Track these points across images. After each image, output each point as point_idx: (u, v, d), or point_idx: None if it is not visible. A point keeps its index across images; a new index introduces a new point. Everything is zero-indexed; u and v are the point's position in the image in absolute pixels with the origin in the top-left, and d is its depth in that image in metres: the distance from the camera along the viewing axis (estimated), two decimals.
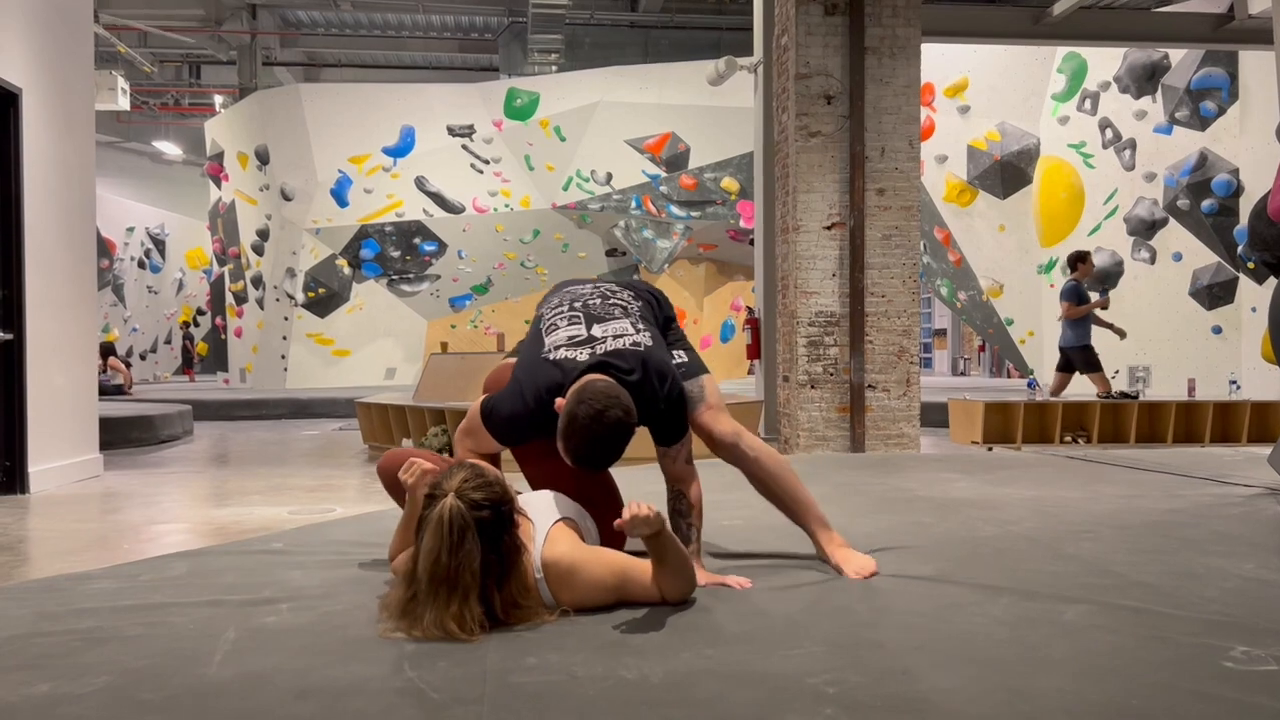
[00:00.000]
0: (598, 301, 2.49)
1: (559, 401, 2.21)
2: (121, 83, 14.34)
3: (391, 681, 1.65)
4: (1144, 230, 11.97)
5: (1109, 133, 12.12)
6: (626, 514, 2.02)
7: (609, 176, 15.96)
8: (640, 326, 2.41)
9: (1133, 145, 11.94)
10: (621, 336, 2.36)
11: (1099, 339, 9.34)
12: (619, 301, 2.50)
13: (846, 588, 2.34)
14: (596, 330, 2.38)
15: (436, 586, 1.91)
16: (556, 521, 2.16)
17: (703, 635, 1.93)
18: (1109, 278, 12.24)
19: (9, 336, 5.65)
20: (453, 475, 2.03)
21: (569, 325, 2.42)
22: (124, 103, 14.51)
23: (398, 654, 1.81)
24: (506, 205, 16.20)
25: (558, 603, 2.10)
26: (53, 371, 6.11)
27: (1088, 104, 12.25)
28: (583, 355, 2.31)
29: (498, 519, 1.99)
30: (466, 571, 1.92)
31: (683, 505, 2.45)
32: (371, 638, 1.93)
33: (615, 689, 1.63)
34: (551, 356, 2.34)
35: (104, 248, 19.29)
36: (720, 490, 4.16)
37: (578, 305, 2.49)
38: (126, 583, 2.42)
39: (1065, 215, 12.53)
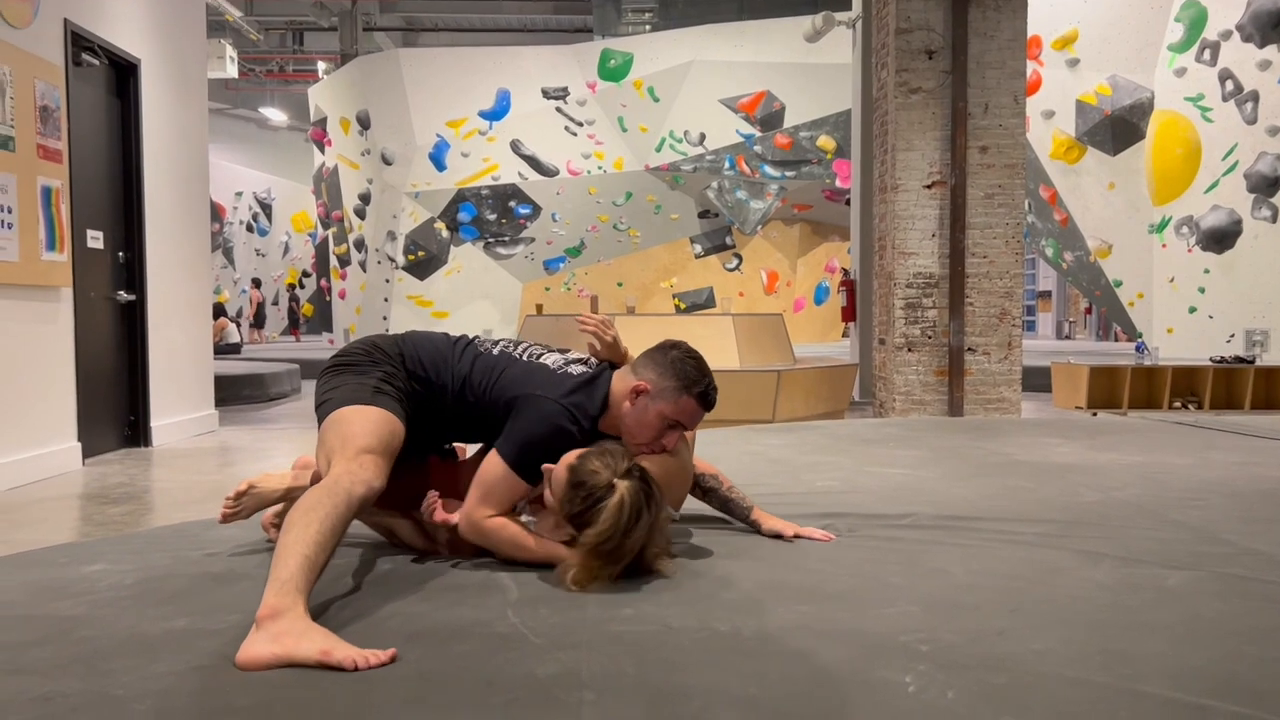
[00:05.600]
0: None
1: (639, 384, 2.22)
2: (230, 51, 14.78)
3: (496, 626, 1.73)
4: (1265, 187, 11.39)
5: (1229, 84, 11.53)
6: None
7: (702, 137, 15.86)
8: None
9: (1255, 97, 11.34)
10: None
11: (1214, 300, 8.95)
12: None
13: (944, 550, 2.34)
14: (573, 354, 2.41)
15: (602, 561, 1.97)
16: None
17: (797, 593, 1.96)
18: (1226, 237, 11.71)
19: (132, 297, 5.95)
20: (597, 467, 2.02)
21: (551, 351, 2.39)
22: (232, 70, 14.96)
23: (502, 600, 1.89)
24: (600, 167, 16.25)
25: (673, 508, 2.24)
26: (172, 331, 6.41)
27: (1207, 54, 11.66)
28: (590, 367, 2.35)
29: (656, 492, 2.05)
30: (630, 554, 1.99)
31: (712, 483, 2.52)
32: (478, 584, 2.02)
33: (709, 640, 1.67)
34: (574, 371, 2.30)
35: (214, 212, 20.03)
36: (813, 453, 4.17)
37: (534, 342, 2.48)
38: (249, 530, 2.57)
39: (1180, 172, 12.00)
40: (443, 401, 2.29)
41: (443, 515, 2.18)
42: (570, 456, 2.09)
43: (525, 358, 2.33)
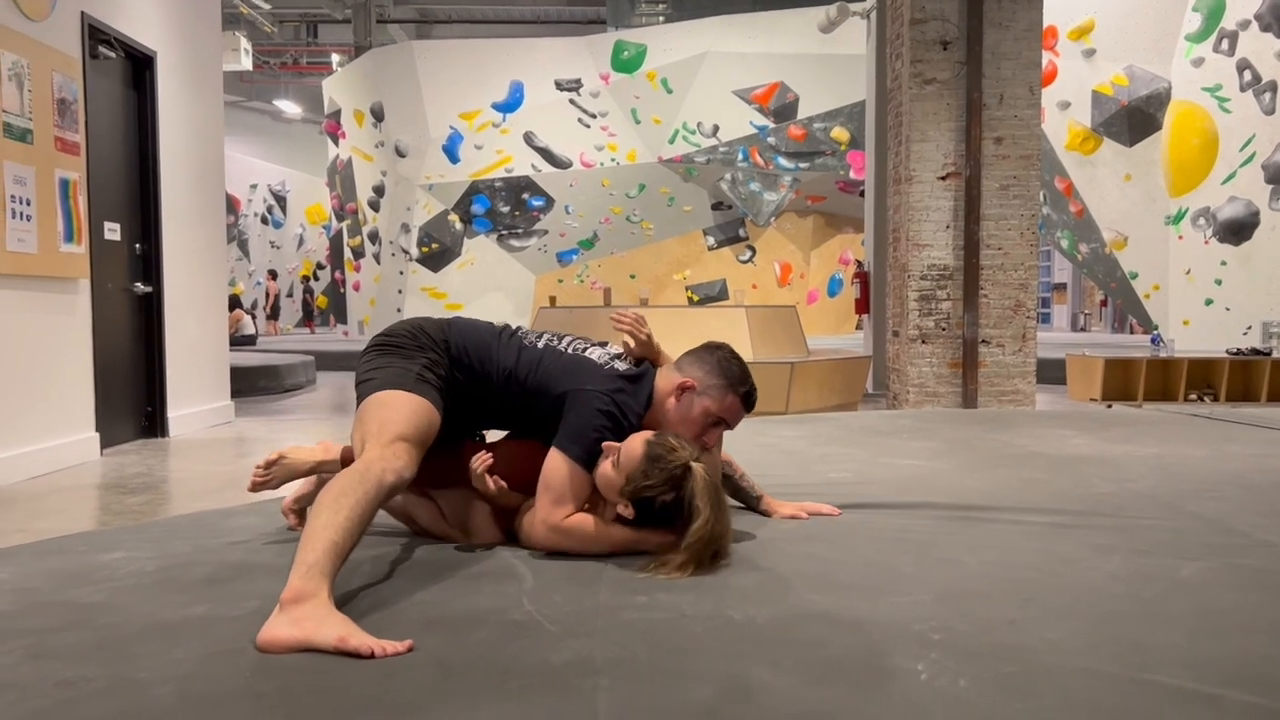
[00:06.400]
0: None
1: (686, 380, 2.27)
2: (244, 43, 14.82)
3: (511, 614, 1.74)
4: None
5: (1248, 74, 11.45)
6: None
7: (715, 128, 15.84)
8: None
9: (1273, 88, 11.26)
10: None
11: (1231, 292, 8.90)
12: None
13: (957, 541, 2.34)
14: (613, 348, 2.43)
15: (711, 549, 2.03)
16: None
17: (810, 583, 1.97)
18: (1243, 229, 11.64)
19: (148, 289, 5.99)
20: (674, 445, 2.08)
21: (594, 345, 2.42)
22: (247, 63, 15.00)
23: (517, 588, 1.90)
24: (613, 159, 16.25)
25: None
26: (189, 322, 6.46)
27: (1225, 44, 11.58)
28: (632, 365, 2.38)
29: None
30: (725, 533, 2.07)
31: (726, 470, 2.59)
32: (493, 572, 2.03)
33: (722, 628, 1.68)
34: (619, 367, 2.32)
35: (229, 204, 20.13)
36: (826, 444, 4.17)
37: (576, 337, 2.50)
38: (268, 519, 2.59)
39: (1197, 163, 11.92)
40: (484, 391, 2.30)
41: (498, 480, 2.19)
42: (644, 434, 2.14)
43: (570, 351, 2.35)
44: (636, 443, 2.10)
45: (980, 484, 3.13)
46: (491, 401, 2.31)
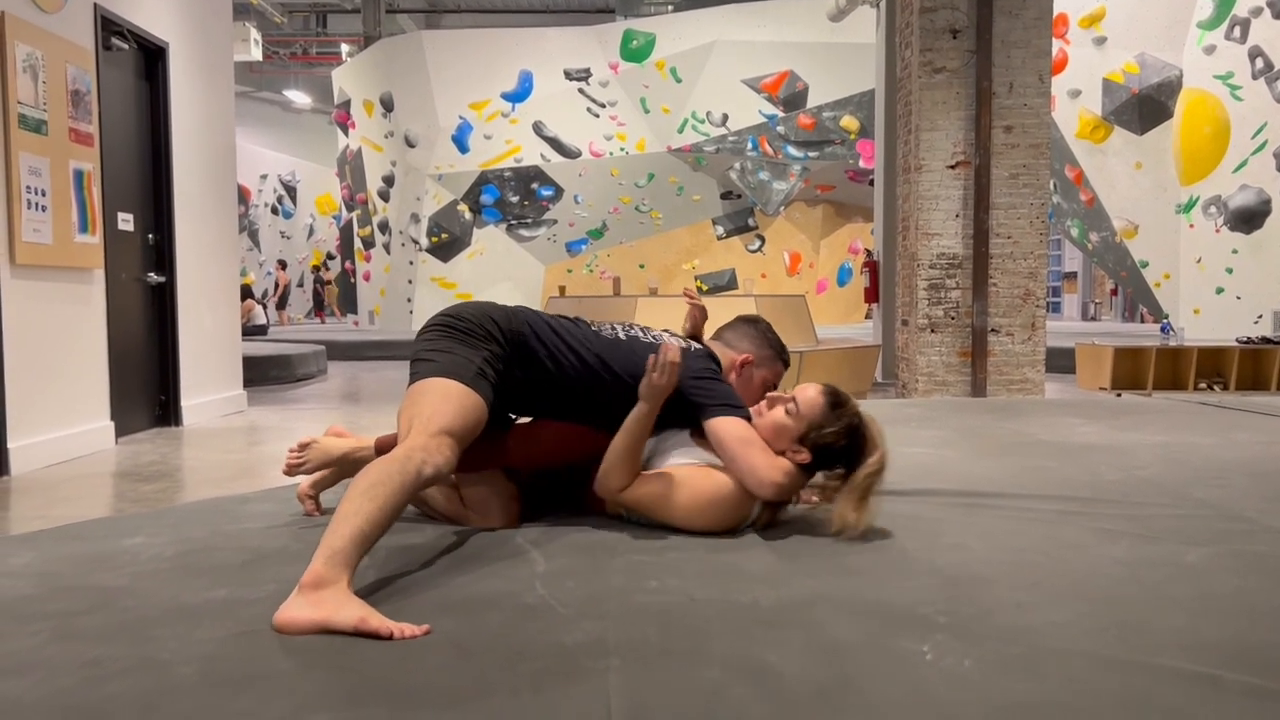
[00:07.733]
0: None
1: (746, 356, 2.51)
2: (254, 33, 14.82)
3: (525, 598, 1.78)
4: None
5: (1260, 62, 11.38)
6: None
7: (725, 118, 15.80)
8: None
9: None
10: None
11: (1241, 281, 8.87)
12: None
13: (964, 526, 2.37)
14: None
15: (877, 484, 2.17)
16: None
17: (817, 566, 1.99)
18: (1254, 217, 11.58)
19: (162, 279, 6.03)
20: (845, 395, 2.23)
21: (658, 330, 2.58)
22: (256, 53, 14.99)
23: (530, 573, 1.94)
24: (622, 149, 16.24)
25: None
26: (201, 312, 6.50)
27: (1237, 31, 11.51)
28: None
29: None
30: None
31: None
32: (506, 556, 2.07)
33: (731, 611, 1.71)
34: (695, 347, 2.49)
35: (240, 194, 20.16)
36: None
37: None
38: (283, 505, 2.63)
39: (1208, 151, 11.87)
40: (554, 380, 2.30)
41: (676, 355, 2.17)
42: (814, 384, 2.26)
43: (650, 338, 2.45)
44: (812, 391, 2.22)
45: (988, 471, 3.15)
46: (564, 388, 2.29)
